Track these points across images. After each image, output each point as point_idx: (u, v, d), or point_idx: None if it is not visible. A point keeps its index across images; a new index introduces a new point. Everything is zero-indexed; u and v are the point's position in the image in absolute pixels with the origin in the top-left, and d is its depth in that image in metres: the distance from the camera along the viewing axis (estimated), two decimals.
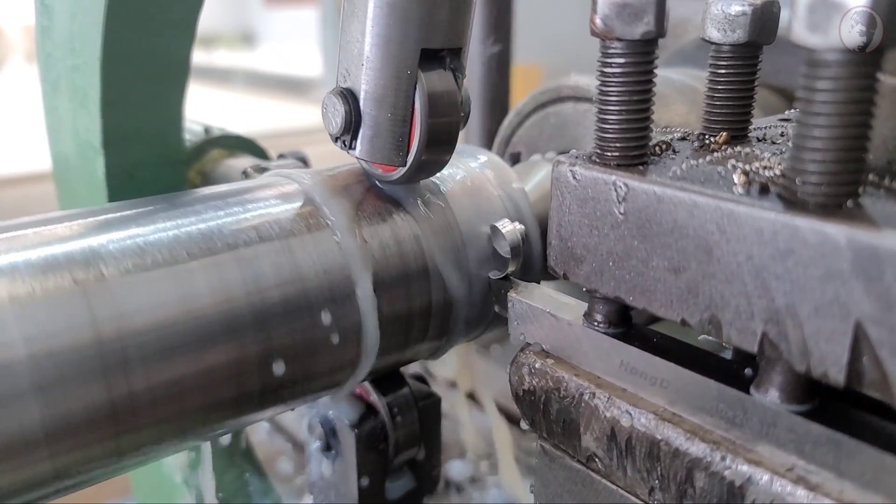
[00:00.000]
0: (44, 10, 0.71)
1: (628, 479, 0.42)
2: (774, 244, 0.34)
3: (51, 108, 0.76)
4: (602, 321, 0.45)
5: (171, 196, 0.52)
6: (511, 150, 0.81)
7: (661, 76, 0.77)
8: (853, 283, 0.32)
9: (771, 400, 0.37)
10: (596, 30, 0.40)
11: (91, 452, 0.42)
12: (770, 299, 0.35)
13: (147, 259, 0.44)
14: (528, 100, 0.80)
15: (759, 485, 0.36)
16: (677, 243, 0.38)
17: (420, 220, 0.56)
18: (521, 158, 0.80)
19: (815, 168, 0.34)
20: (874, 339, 0.32)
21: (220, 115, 1.11)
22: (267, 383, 0.48)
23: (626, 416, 0.42)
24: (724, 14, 0.46)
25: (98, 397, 0.41)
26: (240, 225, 0.49)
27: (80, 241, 0.44)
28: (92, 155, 0.70)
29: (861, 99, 0.33)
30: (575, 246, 0.44)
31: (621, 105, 0.41)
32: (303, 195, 0.54)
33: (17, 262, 0.41)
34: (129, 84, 0.68)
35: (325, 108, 0.53)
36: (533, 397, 0.47)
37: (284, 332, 0.48)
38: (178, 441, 0.47)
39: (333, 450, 0.62)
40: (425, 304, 0.55)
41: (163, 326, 0.43)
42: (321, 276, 0.50)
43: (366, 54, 0.50)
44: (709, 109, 0.49)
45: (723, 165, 0.41)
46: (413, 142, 0.52)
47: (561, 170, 0.44)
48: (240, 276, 0.47)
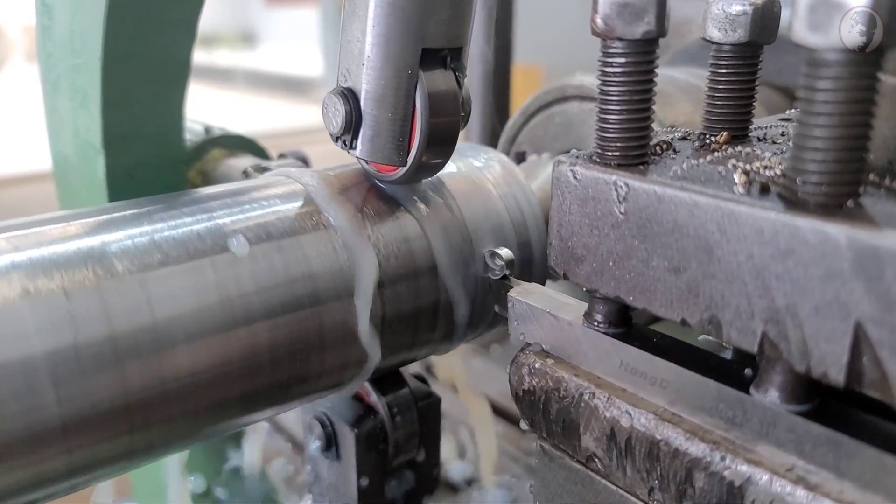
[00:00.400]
0: (44, 10, 0.71)
1: (628, 479, 0.42)
2: (775, 244, 0.34)
3: (51, 107, 0.76)
4: (602, 321, 0.45)
5: (171, 196, 0.52)
6: (516, 149, 0.81)
7: (666, 75, 0.78)
8: (853, 283, 0.32)
9: (771, 400, 0.37)
10: (597, 29, 0.40)
11: (105, 448, 0.43)
12: (770, 299, 0.35)
13: (156, 256, 0.45)
14: (532, 99, 0.80)
15: (758, 485, 0.36)
16: (677, 243, 0.38)
17: (420, 220, 0.56)
18: (526, 157, 0.80)
19: (815, 168, 0.34)
20: (874, 339, 0.32)
21: (221, 115, 1.11)
22: (274, 381, 0.48)
23: (626, 417, 0.42)
24: (724, 14, 0.46)
25: (113, 392, 0.41)
26: (240, 225, 0.49)
27: (91, 237, 0.44)
28: (92, 155, 0.70)
29: (861, 99, 0.33)
30: (575, 246, 0.44)
31: (622, 105, 0.41)
32: (304, 195, 0.54)
33: (34, 258, 0.41)
34: (129, 84, 0.68)
35: (325, 108, 0.53)
36: (533, 397, 0.47)
37: (289, 329, 0.48)
38: (186, 438, 0.48)
39: (333, 450, 0.62)
40: (427, 303, 0.55)
41: (175, 321, 0.44)
42: (325, 276, 0.50)
43: (366, 54, 0.50)
44: (709, 109, 0.49)
45: (723, 165, 0.41)
46: (413, 141, 0.52)
47: (561, 169, 0.44)
48: (244, 274, 0.47)
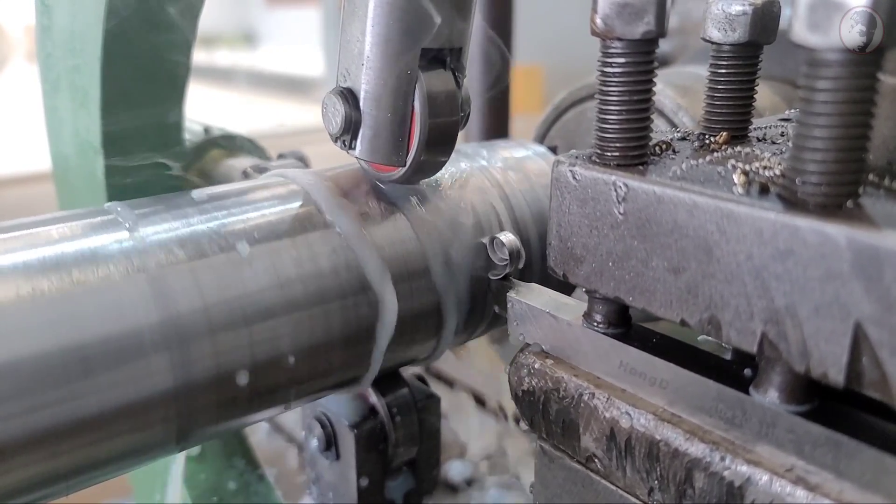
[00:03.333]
0: (44, 10, 0.71)
1: (628, 479, 0.42)
2: (774, 244, 0.34)
3: (51, 108, 0.76)
4: (601, 321, 0.45)
5: (172, 196, 0.52)
6: (548, 144, 0.84)
7: (691, 72, 0.79)
8: (853, 283, 0.32)
9: (770, 400, 0.37)
10: (596, 29, 0.40)
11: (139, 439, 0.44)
12: (770, 299, 0.35)
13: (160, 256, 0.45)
14: (566, 95, 0.83)
15: (758, 485, 0.36)
16: (677, 243, 0.38)
17: (419, 221, 0.56)
18: (558, 152, 0.82)
19: (815, 168, 0.34)
20: (874, 340, 0.32)
21: (222, 116, 1.11)
22: (283, 378, 0.49)
23: (626, 417, 0.42)
24: (724, 14, 0.46)
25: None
26: (237, 226, 0.49)
27: (89, 238, 0.45)
28: (92, 155, 0.70)
29: (861, 99, 0.33)
30: (575, 246, 0.44)
31: (621, 105, 0.41)
32: (302, 195, 0.54)
33: (33, 258, 0.42)
34: (129, 84, 0.68)
35: (325, 108, 0.53)
36: (532, 398, 0.47)
37: (295, 328, 0.48)
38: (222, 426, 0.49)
39: (333, 450, 0.62)
40: (426, 303, 0.55)
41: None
42: (330, 275, 0.50)
43: (366, 54, 0.50)
44: (709, 109, 0.49)
45: (723, 165, 0.41)
46: (413, 142, 0.52)
47: (561, 170, 0.44)
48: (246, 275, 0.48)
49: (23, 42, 9.23)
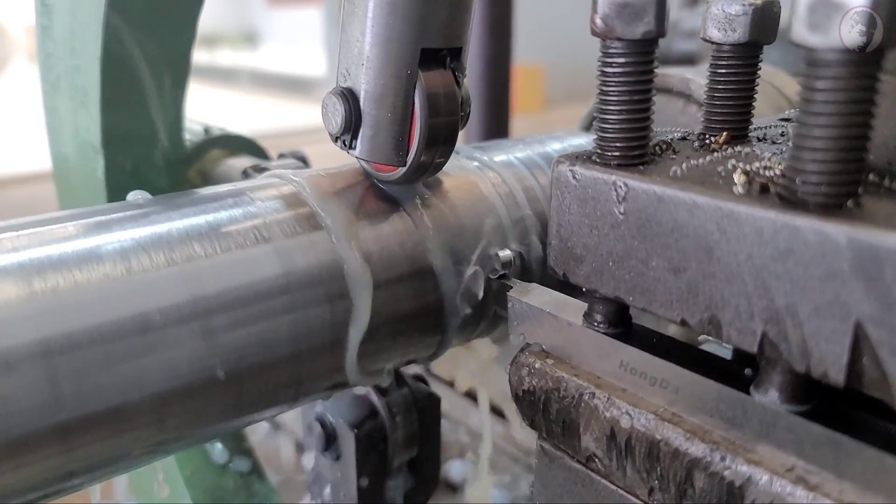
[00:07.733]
0: (44, 10, 0.71)
1: (628, 479, 0.42)
2: (774, 244, 0.34)
3: (51, 107, 0.76)
4: (602, 321, 0.45)
5: (172, 196, 0.52)
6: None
7: None
8: (853, 283, 0.32)
9: (771, 400, 0.37)
10: (596, 29, 0.40)
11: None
12: (770, 299, 0.35)
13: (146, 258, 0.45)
14: None
15: (758, 485, 0.36)
16: (677, 243, 0.38)
17: (419, 221, 0.55)
18: None
19: (815, 168, 0.34)
20: (874, 339, 0.32)
21: (223, 115, 1.10)
22: (280, 379, 0.49)
23: (626, 417, 0.42)
24: (724, 14, 0.46)
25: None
26: (235, 227, 0.49)
27: (87, 238, 0.45)
28: (92, 155, 0.70)
29: (861, 99, 0.33)
30: (575, 246, 0.44)
31: (621, 105, 0.41)
32: (299, 196, 0.53)
33: (33, 258, 0.42)
34: (129, 84, 0.68)
35: (325, 108, 0.53)
36: (532, 398, 0.47)
37: (290, 329, 0.48)
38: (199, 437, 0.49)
39: (333, 450, 0.62)
40: (424, 304, 0.55)
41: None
42: (316, 276, 0.50)
43: (366, 54, 0.50)
44: (709, 109, 0.49)
45: (723, 165, 0.41)
46: (413, 141, 0.52)
47: (561, 170, 0.44)
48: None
49: (24, 42, 9.23)
